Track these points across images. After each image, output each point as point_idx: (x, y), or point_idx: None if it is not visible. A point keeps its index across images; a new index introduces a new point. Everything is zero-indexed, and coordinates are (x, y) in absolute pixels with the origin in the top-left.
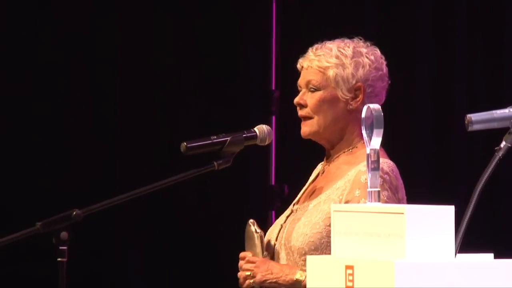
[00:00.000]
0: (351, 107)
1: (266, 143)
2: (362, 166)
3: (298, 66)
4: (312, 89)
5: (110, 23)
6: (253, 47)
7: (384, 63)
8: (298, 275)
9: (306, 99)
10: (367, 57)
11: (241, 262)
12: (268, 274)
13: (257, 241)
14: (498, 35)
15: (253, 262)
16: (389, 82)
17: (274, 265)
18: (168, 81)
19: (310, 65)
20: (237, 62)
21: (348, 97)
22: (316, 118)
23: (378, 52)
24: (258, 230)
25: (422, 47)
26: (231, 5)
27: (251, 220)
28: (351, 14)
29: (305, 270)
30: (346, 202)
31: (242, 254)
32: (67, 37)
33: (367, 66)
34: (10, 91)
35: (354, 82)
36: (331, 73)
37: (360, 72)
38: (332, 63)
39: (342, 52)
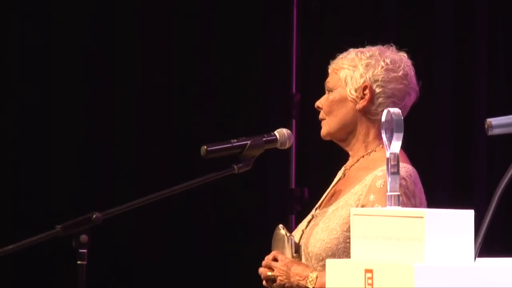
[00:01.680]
0: (359, 106)
1: (287, 146)
2: (379, 171)
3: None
4: (328, 91)
5: (130, 26)
6: (274, 51)
7: (405, 67)
8: (308, 283)
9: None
10: (383, 60)
11: (268, 260)
12: (285, 278)
13: (287, 244)
14: None
15: (277, 261)
16: (413, 86)
17: (292, 268)
18: (188, 84)
19: (331, 68)
20: (258, 65)
21: (354, 96)
22: (327, 118)
23: (402, 57)
24: (288, 234)
25: (442, 53)
26: (252, 8)
27: (281, 225)
28: (372, 18)
29: (318, 276)
30: (362, 206)
31: (276, 255)
32: (86, 39)
33: (379, 68)
34: (30, 94)
35: (361, 81)
36: (342, 73)
37: (370, 72)
38: (346, 65)
39: (358, 55)
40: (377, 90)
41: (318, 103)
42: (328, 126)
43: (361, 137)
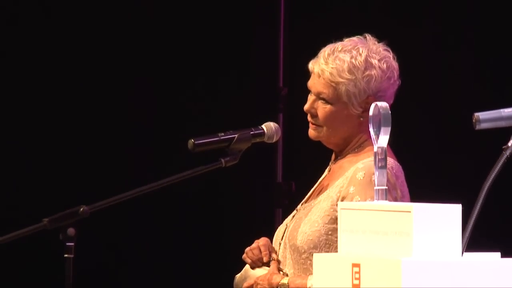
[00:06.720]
0: (362, 119)
1: (274, 140)
2: (360, 163)
3: (310, 67)
4: (323, 101)
5: (123, 19)
6: (261, 45)
7: (395, 67)
8: (284, 280)
9: (317, 108)
10: (379, 68)
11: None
12: (260, 286)
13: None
14: (506, 33)
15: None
16: (399, 82)
17: (261, 280)
18: (176, 78)
19: (321, 75)
20: (245, 59)
21: (359, 111)
22: (325, 128)
23: (390, 56)
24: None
25: (429, 45)
26: (240, 3)
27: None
28: (359, 11)
29: (289, 282)
30: (342, 198)
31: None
32: (78, 36)
33: (379, 79)
34: (20, 87)
35: (365, 96)
36: (343, 89)
37: (372, 85)
38: (345, 79)
39: (354, 64)
40: (379, 100)
41: (310, 108)
42: (326, 134)
43: (355, 140)
